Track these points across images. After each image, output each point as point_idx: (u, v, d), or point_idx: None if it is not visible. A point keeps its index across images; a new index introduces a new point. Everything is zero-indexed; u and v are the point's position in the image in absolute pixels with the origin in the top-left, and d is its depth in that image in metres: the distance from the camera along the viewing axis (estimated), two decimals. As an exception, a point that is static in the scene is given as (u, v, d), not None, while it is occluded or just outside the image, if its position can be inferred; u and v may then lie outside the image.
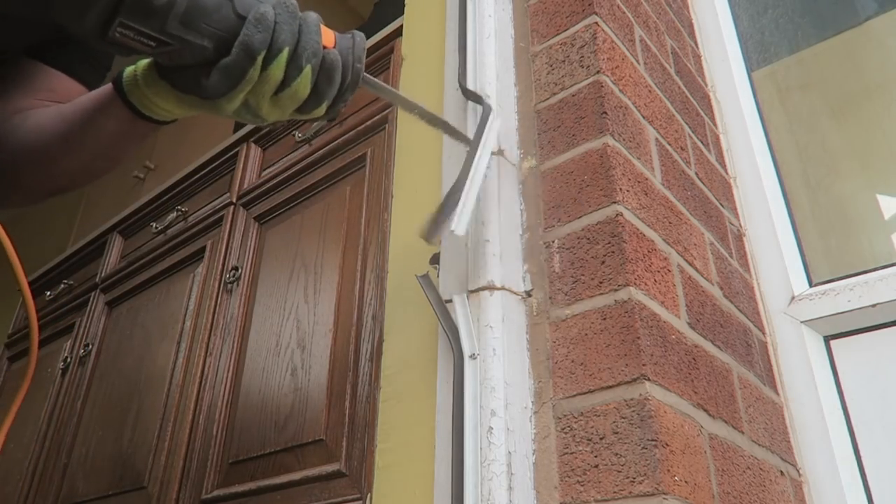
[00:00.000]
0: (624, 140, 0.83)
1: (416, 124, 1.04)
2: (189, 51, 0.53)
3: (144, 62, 0.59)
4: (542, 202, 0.83)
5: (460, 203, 0.70)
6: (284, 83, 0.56)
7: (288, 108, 0.59)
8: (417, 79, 1.08)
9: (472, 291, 0.76)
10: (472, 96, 0.88)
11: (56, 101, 0.73)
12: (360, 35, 0.61)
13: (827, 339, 1.01)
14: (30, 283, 2.34)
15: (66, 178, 0.71)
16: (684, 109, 1.10)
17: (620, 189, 0.77)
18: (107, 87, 0.63)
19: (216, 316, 1.39)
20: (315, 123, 1.34)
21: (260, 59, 0.54)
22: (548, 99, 0.90)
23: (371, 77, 0.65)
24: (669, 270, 0.80)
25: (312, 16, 0.57)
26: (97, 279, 1.94)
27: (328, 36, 0.59)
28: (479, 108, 0.87)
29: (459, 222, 0.69)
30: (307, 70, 0.56)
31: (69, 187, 0.73)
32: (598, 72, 0.85)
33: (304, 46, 0.56)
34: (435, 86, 1.01)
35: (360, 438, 0.96)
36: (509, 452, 0.66)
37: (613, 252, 0.73)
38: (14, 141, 0.68)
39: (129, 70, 0.60)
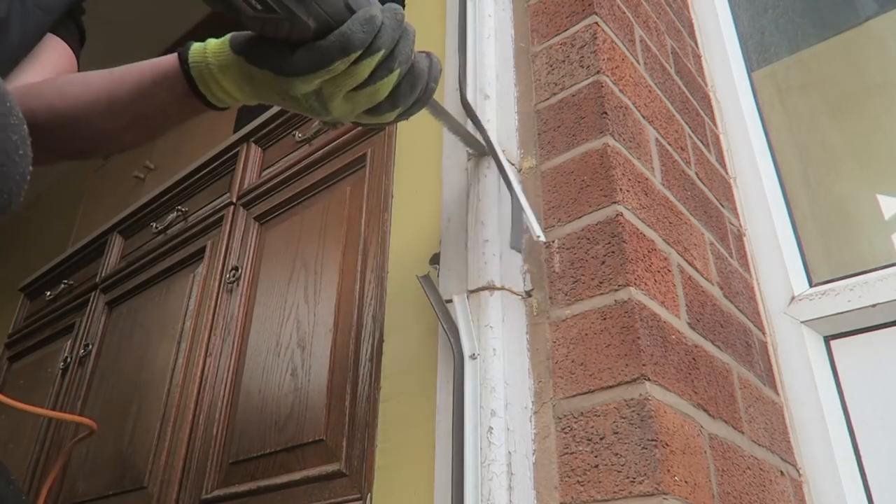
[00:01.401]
0: (624, 140, 0.83)
1: (416, 125, 1.04)
2: (290, 24, 0.53)
3: (215, 41, 0.60)
4: (543, 202, 0.83)
5: (526, 215, 0.75)
6: (368, 81, 0.57)
7: (361, 106, 0.60)
8: (417, 79, 1.08)
9: (472, 291, 0.76)
10: (468, 111, 0.89)
11: (48, 67, 0.74)
12: (436, 56, 0.63)
13: (827, 339, 1.01)
14: (30, 284, 2.33)
15: (91, 142, 0.70)
16: (684, 109, 1.10)
17: (620, 189, 0.77)
18: (167, 60, 0.62)
19: (216, 316, 1.39)
20: (324, 125, 1.33)
21: (353, 56, 0.54)
22: (548, 99, 0.90)
23: (435, 99, 0.68)
24: (669, 270, 0.80)
25: (412, 27, 0.59)
26: (97, 279, 1.94)
27: None
28: (486, 103, 0.87)
29: (538, 229, 0.74)
30: (395, 73, 0.57)
31: (89, 152, 0.73)
32: (598, 72, 0.85)
33: (400, 51, 0.57)
34: (435, 86, 1.01)
35: (360, 438, 0.96)
36: (509, 452, 0.66)
37: (613, 252, 0.73)
38: (48, 98, 0.67)
39: (197, 46, 0.60)
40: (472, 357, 0.72)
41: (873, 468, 0.91)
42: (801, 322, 1.02)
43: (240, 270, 1.39)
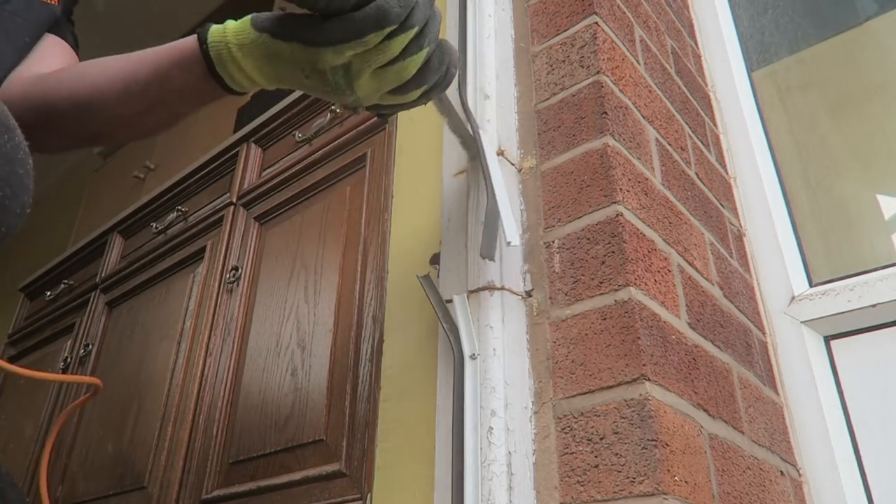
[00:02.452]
0: (624, 140, 0.83)
1: (417, 125, 1.04)
2: None
3: (235, 22, 0.59)
4: (543, 202, 0.83)
5: (502, 216, 0.75)
6: (398, 58, 0.56)
7: (387, 85, 0.59)
8: (417, 79, 1.08)
9: (472, 291, 0.76)
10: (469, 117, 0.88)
11: (54, 61, 0.75)
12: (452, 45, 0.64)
13: (827, 339, 1.01)
14: (30, 284, 2.34)
15: (108, 126, 0.69)
16: (684, 109, 1.10)
17: (620, 189, 0.77)
18: (186, 42, 0.61)
19: (216, 316, 1.39)
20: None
21: (387, 31, 0.54)
22: (548, 99, 0.90)
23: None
24: (669, 270, 0.80)
25: (438, 9, 0.59)
26: (97, 279, 1.94)
27: None
28: (486, 103, 0.87)
29: (512, 234, 0.75)
30: (425, 51, 0.57)
31: (104, 138, 0.72)
32: (598, 72, 0.85)
33: (430, 29, 0.57)
34: (435, 86, 1.01)
35: (360, 438, 0.96)
36: (509, 452, 0.66)
37: (613, 252, 0.73)
38: (66, 83, 0.67)
39: (216, 27, 0.59)
40: (472, 357, 0.72)
41: (873, 468, 0.91)
42: (802, 322, 1.02)
43: (240, 270, 1.39)
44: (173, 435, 1.32)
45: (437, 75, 0.60)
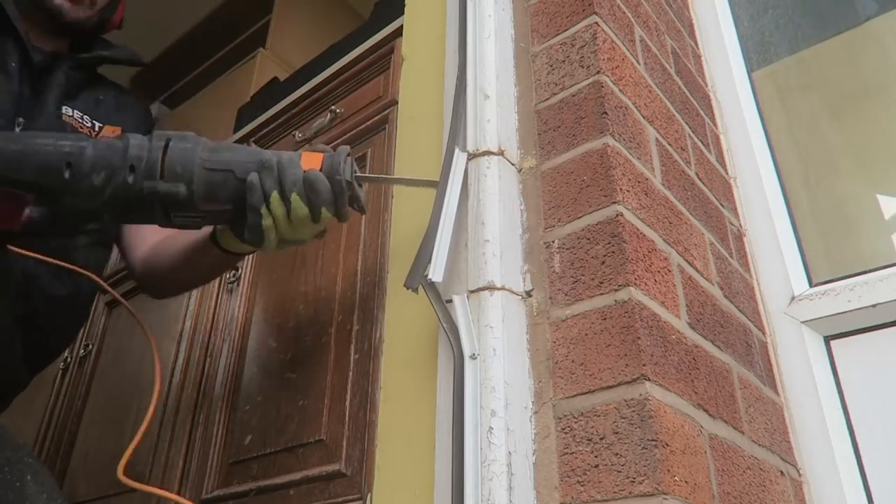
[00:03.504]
0: (624, 140, 0.83)
1: (417, 124, 1.04)
2: (220, 215, 0.77)
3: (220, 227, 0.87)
4: (543, 202, 0.83)
5: (434, 251, 0.78)
6: (288, 212, 0.76)
7: (305, 227, 0.78)
8: (417, 79, 1.08)
9: (472, 291, 0.76)
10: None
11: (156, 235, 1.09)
12: (341, 149, 0.78)
13: (827, 340, 1.01)
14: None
15: (178, 287, 1.14)
16: (684, 109, 1.10)
17: (620, 189, 0.77)
18: (204, 234, 0.91)
19: (216, 316, 1.39)
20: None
21: (264, 209, 0.75)
22: (548, 99, 0.90)
23: (364, 175, 0.83)
24: (669, 270, 0.80)
25: (287, 155, 0.76)
26: (97, 279, 1.94)
27: (314, 160, 0.77)
28: (486, 103, 0.87)
29: (435, 270, 0.77)
30: (293, 197, 0.75)
31: (182, 291, 1.21)
32: (598, 72, 0.85)
33: (286, 180, 0.75)
34: (435, 86, 1.01)
35: (360, 438, 0.96)
36: (509, 452, 0.66)
37: (613, 252, 0.73)
38: (149, 264, 1.08)
39: (217, 230, 0.88)
40: (473, 357, 0.72)
41: (873, 468, 0.91)
42: (802, 322, 1.02)
43: (240, 270, 1.39)
44: (173, 435, 1.32)
45: (321, 197, 0.76)
